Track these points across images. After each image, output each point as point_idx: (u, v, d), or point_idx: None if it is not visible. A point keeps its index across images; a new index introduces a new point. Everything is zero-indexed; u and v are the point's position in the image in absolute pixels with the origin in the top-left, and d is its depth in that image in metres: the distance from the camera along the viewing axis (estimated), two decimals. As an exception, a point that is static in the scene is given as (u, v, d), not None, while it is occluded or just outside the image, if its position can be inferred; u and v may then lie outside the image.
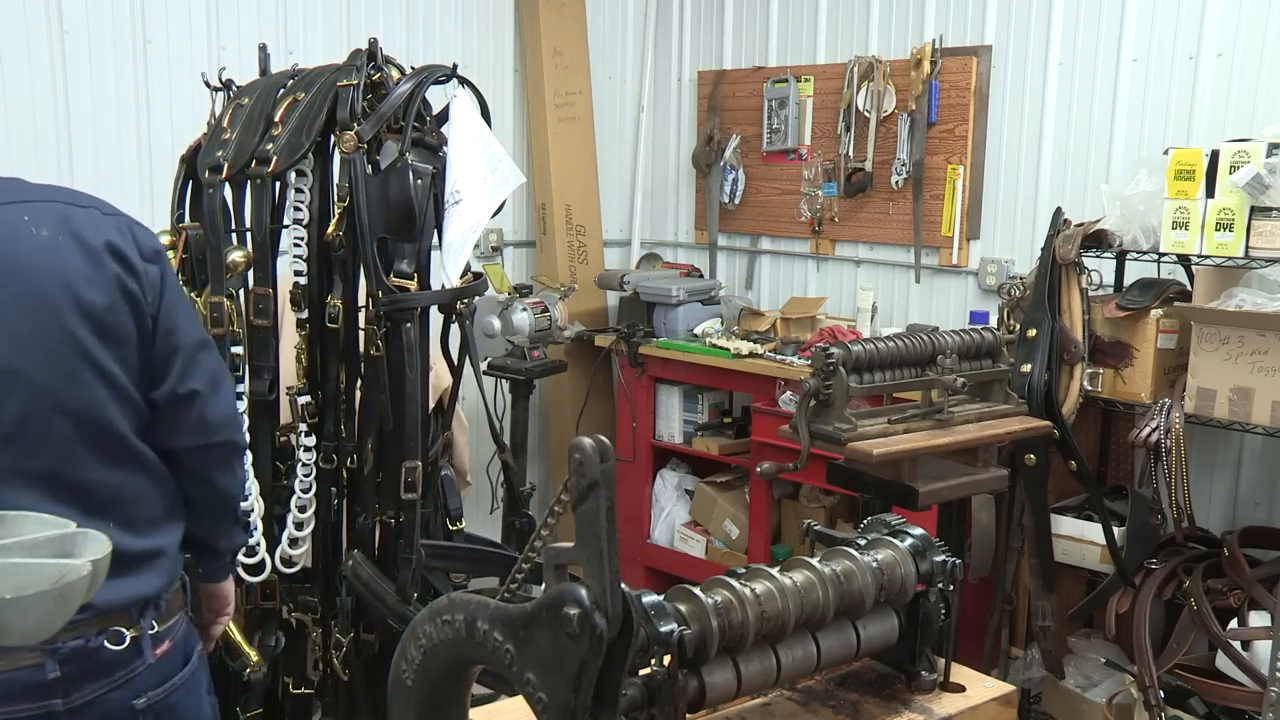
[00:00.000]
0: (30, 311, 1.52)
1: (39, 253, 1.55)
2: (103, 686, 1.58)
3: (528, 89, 4.59)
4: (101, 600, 1.54)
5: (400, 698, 1.09)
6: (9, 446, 1.52)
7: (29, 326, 1.52)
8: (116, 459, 1.61)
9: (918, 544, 1.23)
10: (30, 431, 1.53)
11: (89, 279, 1.56)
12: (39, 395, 1.53)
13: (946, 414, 2.61)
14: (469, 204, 2.50)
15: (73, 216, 1.59)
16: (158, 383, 1.64)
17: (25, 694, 1.52)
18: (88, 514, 1.56)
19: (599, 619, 0.91)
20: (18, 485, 1.53)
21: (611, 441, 0.93)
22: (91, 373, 1.56)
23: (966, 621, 3.09)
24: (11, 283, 1.52)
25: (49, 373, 1.53)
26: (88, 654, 1.56)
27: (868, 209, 4.17)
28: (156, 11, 3.56)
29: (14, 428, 1.52)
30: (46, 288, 1.53)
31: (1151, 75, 3.45)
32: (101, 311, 1.56)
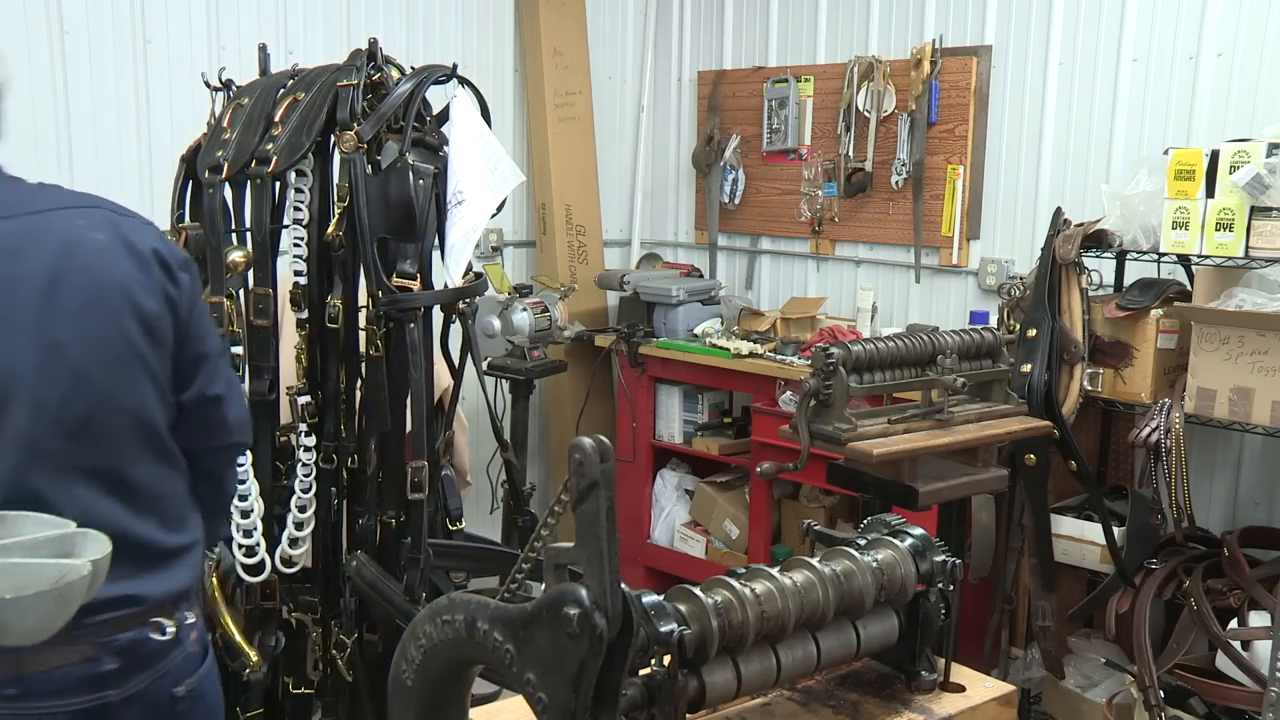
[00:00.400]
0: (95, 314, 1.58)
1: (98, 256, 1.60)
2: (148, 677, 1.64)
3: (528, 89, 4.59)
4: (150, 593, 1.61)
5: (400, 698, 1.09)
6: (74, 442, 1.57)
7: (95, 328, 1.58)
8: (158, 456, 1.67)
9: (918, 544, 1.23)
10: (92, 429, 1.58)
11: (141, 284, 1.62)
12: (102, 394, 1.59)
13: (946, 414, 2.61)
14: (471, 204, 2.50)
15: (119, 223, 1.65)
16: (185, 386, 1.70)
17: (82, 687, 1.57)
18: (134, 510, 1.62)
19: (599, 619, 0.91)
20: (77, 481, 1.57)
21: (611, 441, 0.93)
22: (143, 373, 1.63)
23: (966, 621, 3.09)
24: (78, 285, 1.57)
25: (111, 373, 1.59)
26: (137, 646, 1.62)
27: (868, 209, 4.17)
28: (156, 11, 3.56)
29: (79, 425, 1.57)
30: (107, 291, 1.59)
31: (1151, 75, 3.45)
32: (151, 316, 1.63)
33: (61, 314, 1.56)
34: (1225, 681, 2.75)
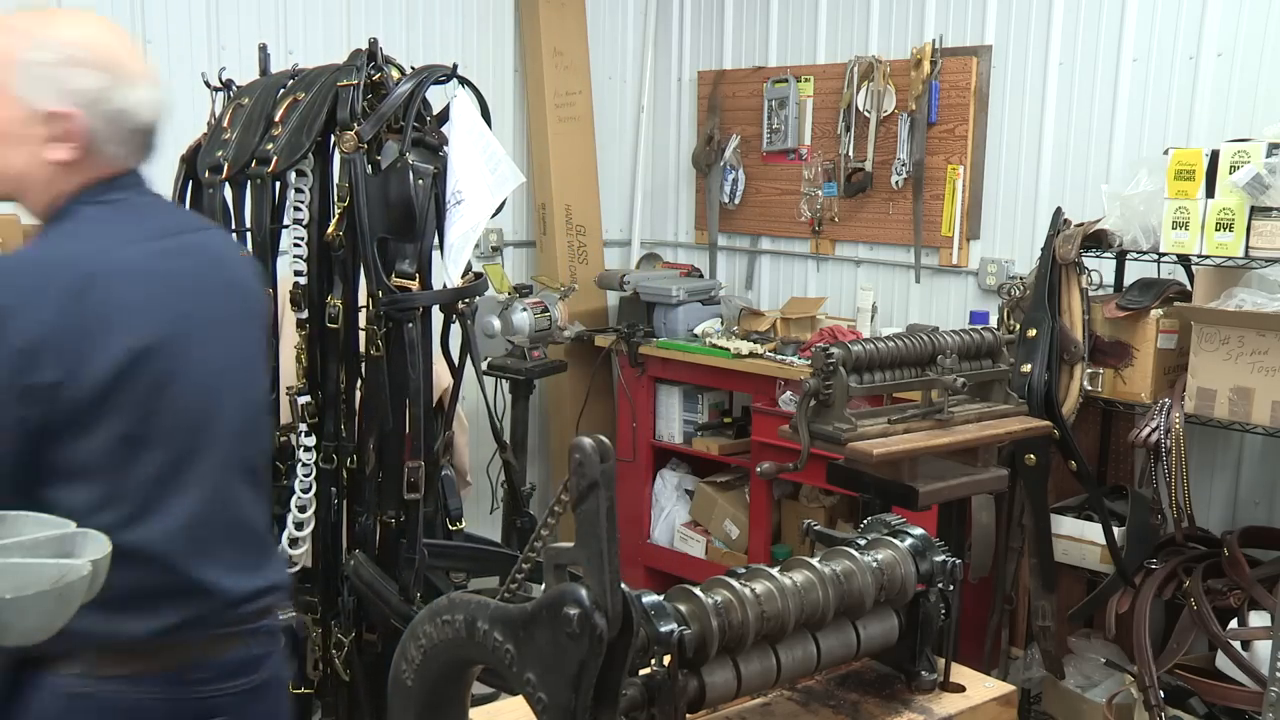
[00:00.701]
0: (250, 322, 1.76)
1: (245, 268, 1.81)
2: (276, 659, 1.76)
3: (528, 89, 4.59)
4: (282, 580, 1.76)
5: (400, 698, 1.09)
6: (242, 441, 1.69)
7: (251, 334, 1.75)
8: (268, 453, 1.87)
9: (918, 544, 1.23)
10: (252, 427, 1.73)
11: (262, 295, 1.85)
12: (259, 395, 1.77)
13: (946, 414, 2.61)
14: (470, 204, 2.50)
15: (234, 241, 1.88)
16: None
17: (239, 671, 1.66)
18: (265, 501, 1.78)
19: (599, 619, 0.91)
20: (237, 477, 1.68)
21: (611, 441, 0.93)
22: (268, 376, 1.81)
23: (966, 621, 3.09)
24: (239, 296, 1.73)
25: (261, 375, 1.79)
26: (273, 630, 1.74)
27: (868, 209, 4.17)
28: (156, 11, 3.56)
29: (247, 424, 1.70)
30: (253, 301, 1.78)
31: (1151, 75, 3.45)
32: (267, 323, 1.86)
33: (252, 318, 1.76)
34: (1225, 681, 2.75)
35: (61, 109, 1.51)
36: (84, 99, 1.52)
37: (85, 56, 1.52)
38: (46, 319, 1.46)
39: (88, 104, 1.52)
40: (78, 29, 1.55)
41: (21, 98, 1.50)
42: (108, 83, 1.53)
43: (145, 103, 1.60)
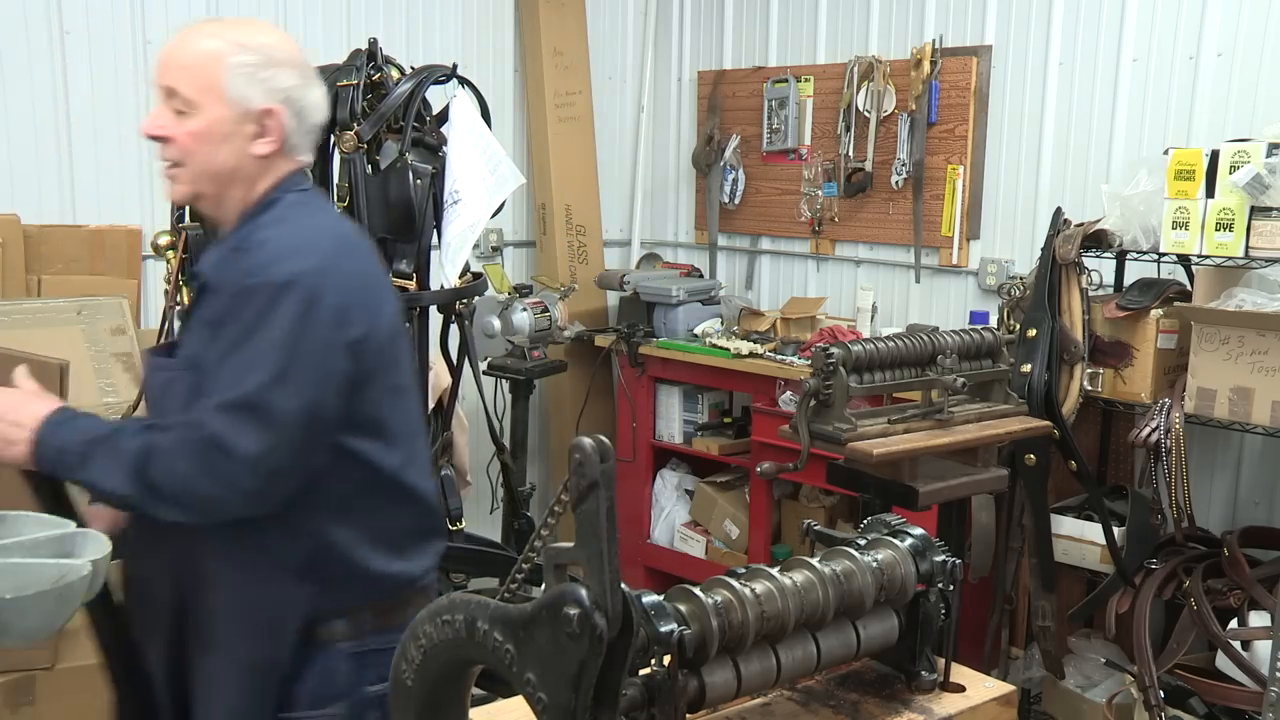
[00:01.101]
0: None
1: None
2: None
3: (528, 89, 4.59)
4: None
5: (400, 698, 1.09)
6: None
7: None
8: None
9: (918, 544, 1.23)
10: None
11: None
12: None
13: (946, 414, 2.61)
14: (468, 204, 2.50)
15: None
16: None
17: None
18: None
19: (599, 619, 0.91)
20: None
21: (611, 441, 0.93)
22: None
23: (966, 621, 3.09)
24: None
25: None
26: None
27: (868, 209, 4.17)
28: (156, 11, 3.56)
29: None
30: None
31: (1151, 75, 3.44)
32: None
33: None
34: (1225, 681, 2.75)
35: (269, 105, 1.63)
36: (283, 96, 1.65)
37: (282, 57, 1.66)
38: (347, 279, 1.62)
39: (285, 101, 1.65)
40: (268, 33, 1.70)
41: (233, 98, 1.62)
42: (299, 81, 1.68)
43: (322, 101, 1.74)
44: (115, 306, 3.26)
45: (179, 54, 1.65)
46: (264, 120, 1.64)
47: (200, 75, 1.62)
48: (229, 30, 1.67)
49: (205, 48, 1.64)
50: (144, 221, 3.51)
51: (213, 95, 1.62)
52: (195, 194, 1.69)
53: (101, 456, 1.53)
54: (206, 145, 1.64)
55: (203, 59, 1.63)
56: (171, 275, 2.39)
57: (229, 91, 1.62)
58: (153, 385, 1.72)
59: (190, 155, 1.65)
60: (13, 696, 2.47)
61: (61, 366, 2.62)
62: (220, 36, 1.65)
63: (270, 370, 1.52)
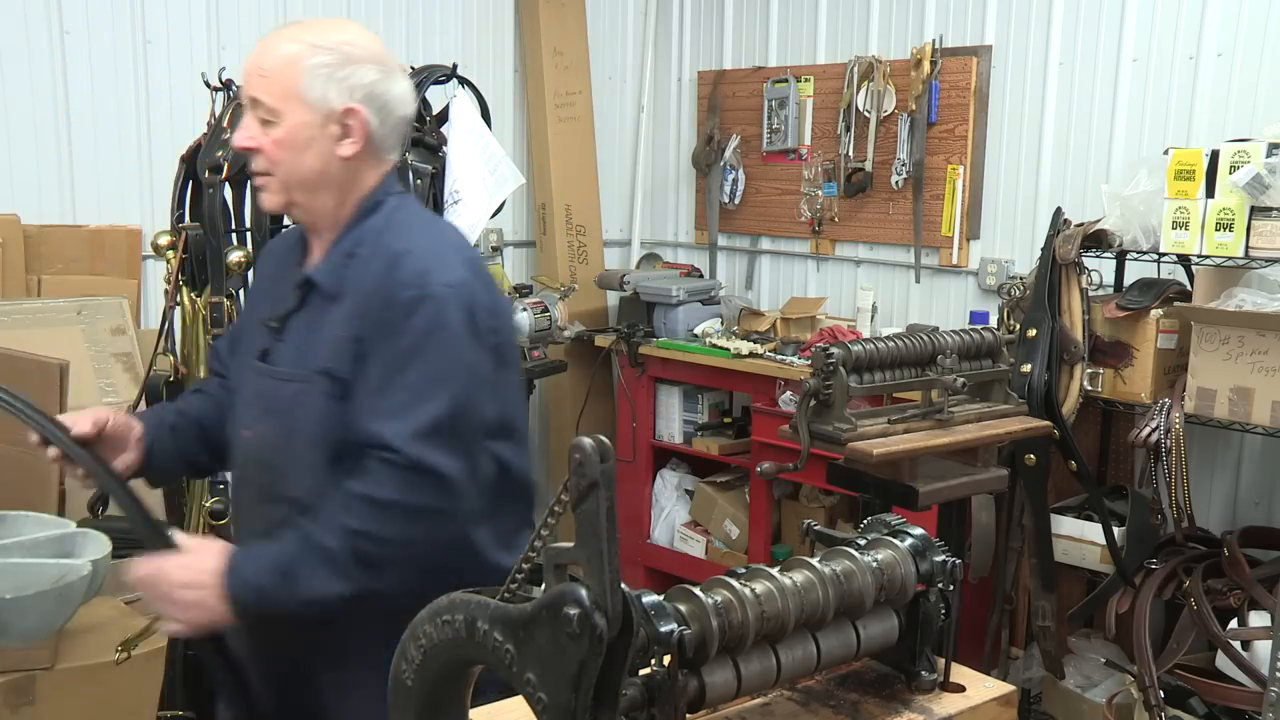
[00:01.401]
0: None
1: None
2: None
3: (528, 89, 4.59)
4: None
5: (400, 698, 1.09)
6: None
7: None
8: None
9: (918, 544, 1.23)
10: None
11: None
12: None
13: (946, 414, 2.61)
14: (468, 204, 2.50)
15: None
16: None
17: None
18: None
19: (599, 619, 0.91)
20: None
21: (611, 441, 0.93)
22: None
23: (966, 621, 3.09)
24: None
25: None
26: None
27: (868, 209, 4.17)
28: (156, 11, 3.57)
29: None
30: None
31: (1151, 75, 3.45)
32: None
33: None
34: (1225, 681, 2.75)
35: (349, 105, 1.60)
36: (363, 93, 1.61)
37: (359, 54, 1.62)
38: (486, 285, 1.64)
39: (366, 98, 1.62)
40: (344, 29, 1.66)
41: (313, 101, 1.59)
42: (379, 76, 1.63)
43: (406, 95, 1.69)
44: (115, 306, 3.26)
45: (258, 63, 1.63)
46: (346, 120, 1.61)
47: (279, 82, 1.60)
48: (305, 32, 1.64)
49: (282, 53, 1.62)
50: (144, 221, 3.51)
51: (293, 100, 1.60)
52: (287, 202, 1.67)
53: (306, 572, 1.49)
54: (292, 152, 1.61)
55: (280, 65, 1.61)
56: (171, 275, 2.39)
57: (308, 95, 1.59)
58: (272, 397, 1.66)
59: (278, 164, 1.63)
60: (13, 696, 2.47)
61: (61, 366, 2.62)
62: (296, 39, 1.63)
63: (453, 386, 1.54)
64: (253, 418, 1.69)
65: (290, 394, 1.63)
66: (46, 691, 2.50)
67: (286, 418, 1.63)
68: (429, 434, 1.50)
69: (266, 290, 1.82)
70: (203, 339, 2.37)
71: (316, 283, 1.65)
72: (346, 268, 1.63)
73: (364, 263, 1.62)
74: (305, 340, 1.65)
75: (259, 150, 1.63)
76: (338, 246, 1.66)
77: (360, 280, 1.61)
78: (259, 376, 1.69)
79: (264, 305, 1.76)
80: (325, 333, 1.62)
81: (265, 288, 1.85)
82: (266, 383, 1.67)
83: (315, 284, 1.65)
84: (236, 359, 1.81)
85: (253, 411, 1.69)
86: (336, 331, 1.60)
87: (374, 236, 1.64)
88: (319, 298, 1.65)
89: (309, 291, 1.66)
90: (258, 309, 1.79)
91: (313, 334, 1.64)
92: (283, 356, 1.67)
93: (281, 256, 1.82)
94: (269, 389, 1.66)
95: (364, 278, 1.60)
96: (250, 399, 1.70)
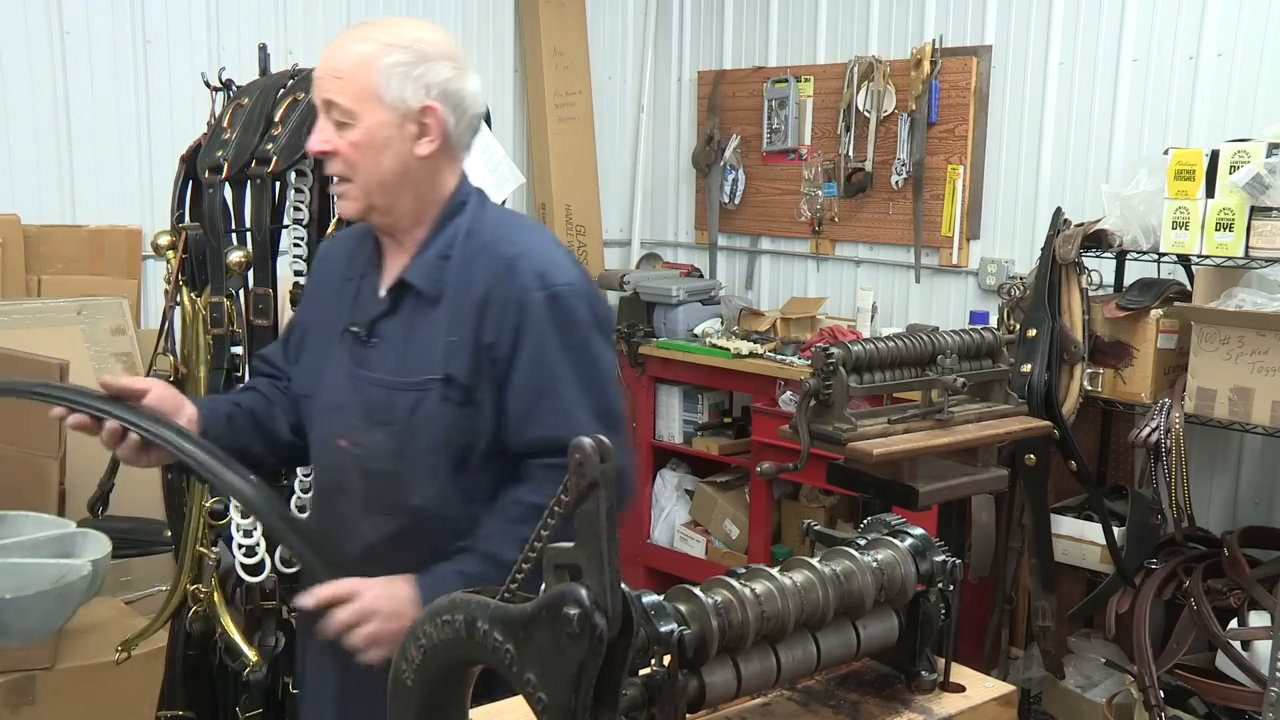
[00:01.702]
0: None
1: None
2: None
3: (528, 89, 4.59)
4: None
5: (400, 698, 1.09)
6: None
7: None
8: None
9: (918, 544, 1.23)
10: None
11: None
12: None
13: (946, 414, 2.61)
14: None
15: None
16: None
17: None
18: None
19: (599, 619, 0.91)
20: None
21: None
22: None
23: (966, 621, 3.09)
24: None
25: None
26: None
27: (868, 209, 4.17)
28: (156, 11, 3.57)
29: None
30: None
31: (1151, 75, 3.45)
32: None
33: None
34: (1225, 681, 2.75)
35: (426, 103, 1.58)
36: (439, 91, 1.59)
37: (433, 50, 1.60)
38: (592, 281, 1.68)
39: (442, 95, 1.59)
40: (416, 27, 1.63)
41: (391, 101, 1.57)
42: (454, 73, 1.61)
43: (478, 92, 1.67)
44: (115, 306, 3.26)
45: (332, 64, 1.61)
46: (423, 119, 1.59)
47: (355, 82, 1.57)
48: (376, 31, 1.62)
49: (355, 53, 1.59)
50: (144, 221, 3.52)
51: (370, 101, 1.57)
52: (368, 207, 1.63)
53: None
54: (370, 154, 1.59)
55: (354, 65, 1.58)
56: (171, 275, 2.39)
57: (385, 94, 1.57)
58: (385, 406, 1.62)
59: (355, 167, 1.60)
60: (13, 696, 2.47)
61: (61, 366, 2.62)
62: (368, 38, 1.60)
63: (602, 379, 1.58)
64: (354, 428, 1.65)
65: (408, 403, 1.60)
66: (46, 691, 2.50)
67: (404, 426, 1.60)
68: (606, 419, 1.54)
69: (329, 296, 1.77)
70: (203, 339, 2.36)
71: (413, 285, 1.62)
72: (444, 270, 1.61)
73: (465, 265, 1.61)
74: (404, 345, 1.62)
75: (335, 153, 1.60)
76: (429, 247, 1.64)
77: (469, 283, 1.59)
78: (363, 385, 1.64)
79: (329, 311, 1.73)
80: (429, 336, 1.60)
81: (327, 294, 1.79)
82: (375, 391, 1.63)
83: (411, 286, 1.63)
84: (302, 366, 1.77)
85: (352, 421, 1.65)
86: (445, 335, 1.59)
87: (468, 238, 1.63)
88: (414, 301, 1.63)
89: (402, 295, 1.64)
90: (321, 315, 1.75)
91: (413, 338, 1.62)
92: (381, 363, 1.63)
93: (342, 261, 1.78)
94: (380, 398, 1.62)
95: (473, 280, 1.59)
96: (344, 408, 1.66)
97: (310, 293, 1.88)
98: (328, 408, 1.69)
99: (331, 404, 1.68)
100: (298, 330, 1.86)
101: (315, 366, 1.73)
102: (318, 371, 1.72)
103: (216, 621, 2.35)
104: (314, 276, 1.90)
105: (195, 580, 2.35)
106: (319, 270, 1.88)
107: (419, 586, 1.54)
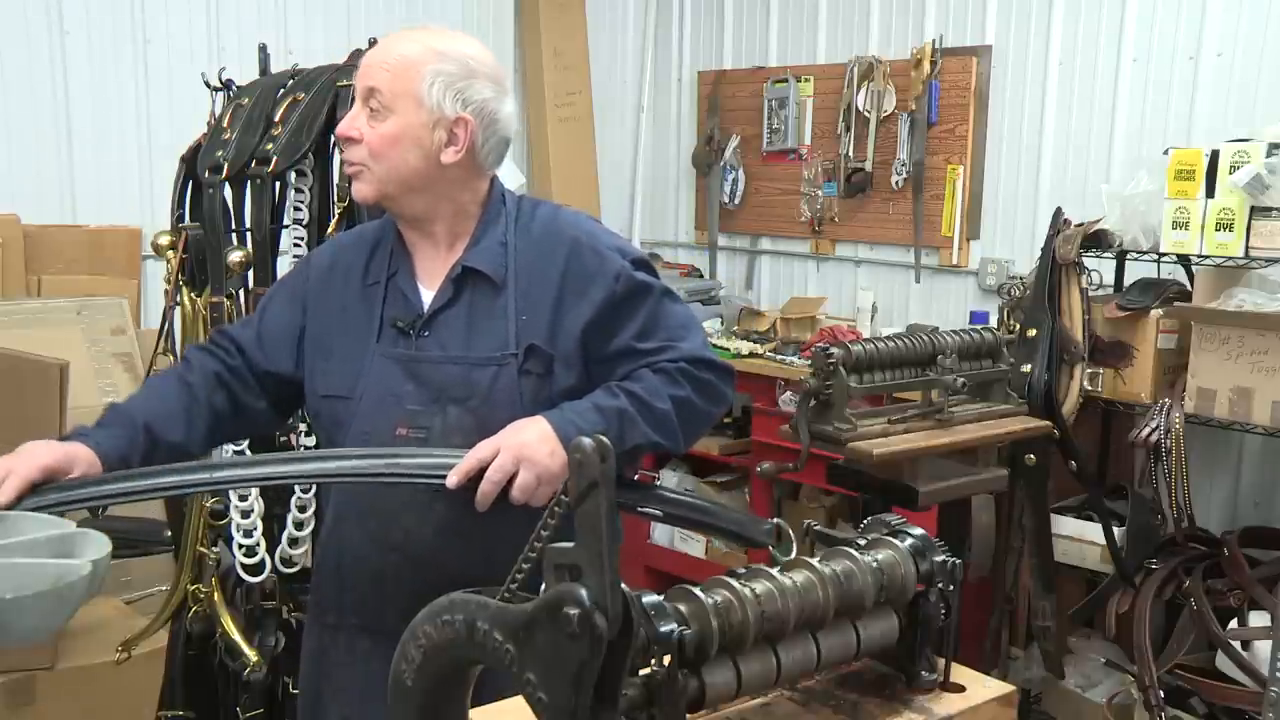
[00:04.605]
0: None
1: None
2: None
3: (528, 89, 4.59)
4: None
5: (400, 698, 1.09)
6: None
7: None
8: None
9: (918, 544, 1.23)
10: None
11: None
12: None
13: (946, 414, 2.61)
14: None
15: None
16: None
17: None
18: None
19: (599, 619, 0.91)
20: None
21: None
22: None
23: (966, 621, 3.09)
24: None
25: None
26: None
27: (868, 209, 4.17)
28: (156, 11, 3.57)
29: None
30: None
31: (1151, 75, 3.45)
32: None
33: None
34: (1225, 681, 2.75)
35: (462, 115, 1.67)
36: (475, 107, 1.68)
37: (480, 69, 1.70)
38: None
39: (477, 111, 1.68)
40: (470, 44, 1.74)
41: (430, 105, 1.65)
42: (494, 94, 1.71)
43: (512, 117, 1.76)
44: (115, 306, 3.26)
45: (382, 57, 1.70)
46: (455, 129, 1.67)
47: (400, 79, 1.66)
48: (432, 38, 1.71)
49: (407, 53, 1.68)
50: (144, 221, 3.52)
51: (409, 99, 1.65)
52: (380, 195, 1.70)
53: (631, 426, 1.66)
54: (397, 148, 1.66)
55: (404, 64, 1.67)
56: (171, 275, 2.39)
57: (425, 98, 1.65)
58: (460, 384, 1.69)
59: (379, 157, 1.67)
60: (13, 696, 2.47)
61: (61, 366, 2.62)
62: (423, 43, 1.69)
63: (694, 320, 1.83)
64: (415, 414, 1.69)
65: (487, 377, 1.68)
66: (46, 691, 2.50)
67: (483, 400, 1.68)
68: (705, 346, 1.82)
69: (351, 303, 1.79)
70: (202, 339, 2.37)
71: (480, 270, 1.71)
72: (504, 255, 1.71)
73: (529, 250, 1.72)
74: (468, 329, 1.70)
75: (361, 142, 1.67)
76: (485, 237, 1.73)
77: (542, 263, 1.71)
78: (427, 369, 1.70)
79: (354, 315, 1.76)
80: (493, 317, 1.70)
81: (347, 301, 1.80)
82: (449, 371, 1.69)
83: (477, 272, 1.71)
84: (331, 370, 1.76)
85: (412, 408, 1.69)
86: (515, 314, 1.69)
87: (523, 225, 1.75)
88: (473, 287, 1.71)
89: (464, 283, 1.71)
90: (342, 320, 1.77)
91: (478, 321, 1.70)
92: (449, 345, 1.70)
93: (359, 267, 1.80)
94: (455, 376, 1.69)
95: (546, 261, 1.71)
96: (402, 397, 1.70)
97: (319, 301, 1.84)
98: (379, 401, 1.72)
99: (382, 396, 1.71)
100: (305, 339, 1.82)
101: (351, 369, 1.74)
102: (355, 373, 1.74)
103: (217, 621, 2.36)
104: (322, 285, 1.86)
105: (195, 580, 2.35)
106: (329, 279, 1.85)
107: (550, 420, 1.61)
